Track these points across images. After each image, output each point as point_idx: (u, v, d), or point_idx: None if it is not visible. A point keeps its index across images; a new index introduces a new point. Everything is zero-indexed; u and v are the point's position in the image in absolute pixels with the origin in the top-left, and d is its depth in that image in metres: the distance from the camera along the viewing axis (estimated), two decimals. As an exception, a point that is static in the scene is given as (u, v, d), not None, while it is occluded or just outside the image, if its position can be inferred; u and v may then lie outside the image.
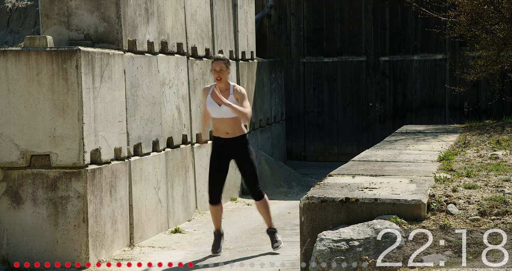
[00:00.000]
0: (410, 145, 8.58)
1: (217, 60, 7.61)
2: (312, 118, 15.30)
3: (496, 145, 8.26)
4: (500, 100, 13.56)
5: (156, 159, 8.72)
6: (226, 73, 7.60)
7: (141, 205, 8.28)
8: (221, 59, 7.61)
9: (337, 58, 15.13)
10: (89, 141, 7.23)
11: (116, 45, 7.99)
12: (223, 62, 7.60)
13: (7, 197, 7.26)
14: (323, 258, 4.88)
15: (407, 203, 5.14)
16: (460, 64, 13.45)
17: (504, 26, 11.01)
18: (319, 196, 5.28)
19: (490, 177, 6.15)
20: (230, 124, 7.62)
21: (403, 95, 14.94)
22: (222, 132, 7.67)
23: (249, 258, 7.48)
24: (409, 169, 6.59)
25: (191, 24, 9.95)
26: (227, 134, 7.65)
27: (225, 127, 7.63)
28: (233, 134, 7.66)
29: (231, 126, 7.63)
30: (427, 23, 13.99)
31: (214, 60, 7.63)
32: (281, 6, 15.36)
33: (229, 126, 7.62)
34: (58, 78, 7.13)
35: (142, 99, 8.42)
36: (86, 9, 7.97)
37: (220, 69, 7.59)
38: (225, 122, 7.61)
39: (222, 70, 7.59)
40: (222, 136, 7.67)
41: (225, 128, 7.63)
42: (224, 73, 7.59)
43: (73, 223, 7.17)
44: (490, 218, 5.15)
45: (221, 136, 7.68)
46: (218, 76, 7.59)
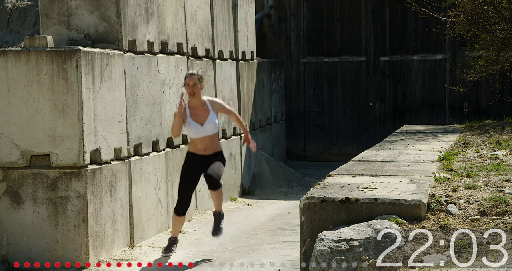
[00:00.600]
0: (410, 145, 8.58)
1: (190, 76, 7.61)
2: (312, 118, 15.30)
3: (496, 145, 8.26)
4: (500, 100, 13.56)
5: (156, 159, 8.72)
6: (199, 88, 7.62)
7: (141, 205, 8.28)
8: (195, 74, 7.61)
9: (337, 58, 15.13)
10: (89, 141, 7.23)
11: (116, 45, 7.99)
12: (197, 77, 7.60)
13: (7, 197, 7.26)
14: (323, 258, 4.88)
15: (407, 203, 5.14)
16: (460, 64, 13.45)
17: (504, 26, 11.01)
18: (319, 196, 5.28)
19: (490, 177, 6.15)
20: (210, 142, 7.65)
21: (403, 95, 14.94)
22: (200, 149, 7.68)
23: (249, 258, 7.47)
24: (409, 169, 6.59)
25: (191, 24, 9.95)
26: (204, 151, 7.68)
27: (205, 145, 7.66)
28: (211, 151, 7.69)
29: (211, 143, 7.66)
30: (427, 23, 13.99)
31: (188, 76, 7.63)
32: (281, 6, 15.36)
33: (209, 143, 7.65)
34: (58, 78, 7.13)
35: (142, 99, 8.42)
36: (86, 9, 7.97)
37: (194, 84, 7.58)
38: (206, 140, 7.64)
39: (196, 85, 7.59)
40: (199, 152, 7.69)
41: (205, 146, 7.66)
42: (198, 88, 7.60)
43: (73, 223, 7.17)
44: (490, 218, 5.15)
45: (198, 153, 7.69)
46: (191, 91, 7.59)
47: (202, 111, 7.64)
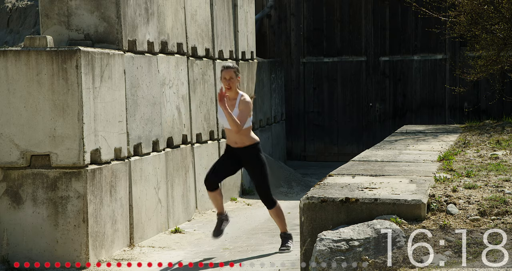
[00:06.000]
0: (410, 145, 8.58)
1: (227, 69, 7.48)
2: (312, 118, 15.30)
3: (496, 145, 8.26)
4: (500, 100, 13.56)
5: (156, 159, 8.72)
6: (235, 82, 7.49)
7: (141, 205, 8.28)
8: (231, 68, 7.49)
9: (337, 58, 15.13)
10: (89, 141, 7.23)
11: (116, 45, 7.99)
12: (233, 70, 7.48)
13: (7, 197, 7.26)
14: (323, 258, 4.88)
15: (407, 203, 5.14)
16: (460, 64, 13.45)
17: (504, 26, 11.01)
18: (319, 196, 5.28)
19: (490, 177, 6.15)
20: (238, 135, 7.52)
21: (403, 95, 14.95)
22: (231, 141, 7.61)
23: (249, 258, 7.48)
24: (409, 169, 6.59)
25: (191, 24, 9.95)
26: (235, 144, 7.59)
27: (233, 137, 7.56)
28: (242, 144, 7.58)
29: (239, 136, 7.53)
30: (427, 23, 13.99)
31: (224, 69, 7.50)
32: (281, 6, 15.36)
33: (237, 136, 7.53)
34: (58, 78, 7.13)
35: (142, 99, 8.42)
36: (86, 9, 7.97)
37: (230, 77, 7.46)
38: (233, 132, 7.52)
39: (232, 79, 7.47)
40: (231, 145, 7.63)
41: (234, 138, 7.57)
42: (234, 81, 7.48)
43: (73, 223, 7.17)
44: (490, 218, 5.15)
45: (231, 145, 7.64)
46: (228, 85, 7.46)
47: (230, 104, 7.50)
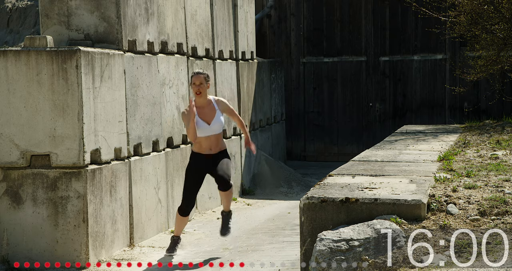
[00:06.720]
0: (410, 145, 8.58)
1: (197, 75, 7.62)
2: (312, 118, 15.30)
3: (496, 145, 8.26)
4: (500, 100, 13.56)
5: (156, 159, 8.72)
6: (205, 88, 7.64)
7: (141, 205, 8.28)
8: (201, 73, 7.63)
9: (337, 58, 15.13)
10: (89, 141, 7.23)
11: (116, 45, 7.99)
12: (203, 76, 7.62)
13: (7, 197, 7.26)
14: (323, 258, 4.88)
15: (407, 203, 5.14)
16: (460, 64, 13.44)
17: (504, 26, 11.01)
18: (319, 196, 5.28)
19: (490, 177, 6.15)
20: (215, 141, 7.66)
21: (403, 95, 14.94)
22: (205, 149, 7.67)
23: (249, 258, 7.47)
24: (409, 169, 6.59)
25: (191, 24, 9.95)
26: (210, 150, 7.68)
27: (210, 144, 7.66)
28: (216, 150, 7.70)
29: (216, 142, 7.68)
30: (427, 23, 13.99)
31: (194, 75, 7.64)
32: (281, 6, 15.36)
33: (215, 142, 7.66)
34: (58, 78, 7.13)
35: (142, 99, 8.42)
36: (86, 9, 7.97)
37: (200, 83, 7.60)
38: (212, 139, 7.64)
39: (202, 84, 7.60)
40: (204, 152, 7.68)
41: (210, 145, 7.66)
42: (204, 87, 7.62)
43: (73, 223, 7.17)
44: (490, 218, 5.15)
45: (203, 152, 7.68)
46: (198, 90, 7.60)
47: (208, 110, 7.65)
